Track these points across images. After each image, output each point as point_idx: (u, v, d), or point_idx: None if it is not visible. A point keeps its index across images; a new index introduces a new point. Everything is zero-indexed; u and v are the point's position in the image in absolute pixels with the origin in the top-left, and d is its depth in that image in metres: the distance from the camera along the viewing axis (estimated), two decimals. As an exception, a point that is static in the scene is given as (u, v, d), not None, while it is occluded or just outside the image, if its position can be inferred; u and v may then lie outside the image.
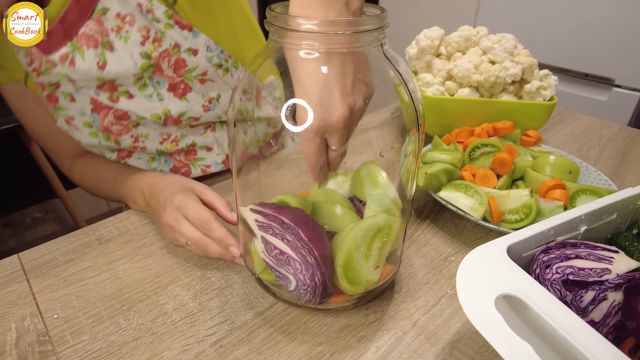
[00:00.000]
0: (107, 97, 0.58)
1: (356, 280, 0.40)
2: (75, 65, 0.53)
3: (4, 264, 0.51)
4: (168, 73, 0.58)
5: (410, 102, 0.38)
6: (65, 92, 0.58)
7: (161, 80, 0.59)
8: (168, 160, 0.70)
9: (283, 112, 0.34)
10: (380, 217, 0.40)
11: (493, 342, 0.29)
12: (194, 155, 0.70)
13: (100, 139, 0.62)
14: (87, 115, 0.60)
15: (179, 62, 0.58)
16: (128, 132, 0.63)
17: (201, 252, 0.50)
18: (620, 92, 1.47)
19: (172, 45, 0.56)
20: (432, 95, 0.73)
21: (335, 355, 0.40)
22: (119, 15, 0.54)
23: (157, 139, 0.65)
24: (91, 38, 0.53)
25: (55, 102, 0.59)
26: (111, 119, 0.60)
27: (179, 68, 0.58)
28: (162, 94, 0.60)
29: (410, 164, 0.41)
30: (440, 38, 0.78)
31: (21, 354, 0.41)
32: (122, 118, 0.61)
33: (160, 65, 0.57)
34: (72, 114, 0.60)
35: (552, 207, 0.53)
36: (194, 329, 0.43)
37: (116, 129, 0.62)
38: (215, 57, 0.61)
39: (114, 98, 0.58)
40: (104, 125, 0.61)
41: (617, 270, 0.37)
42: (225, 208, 0.52)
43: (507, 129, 0.67)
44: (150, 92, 0.59)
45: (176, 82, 0.59)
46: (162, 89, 0.60)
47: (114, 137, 0.62)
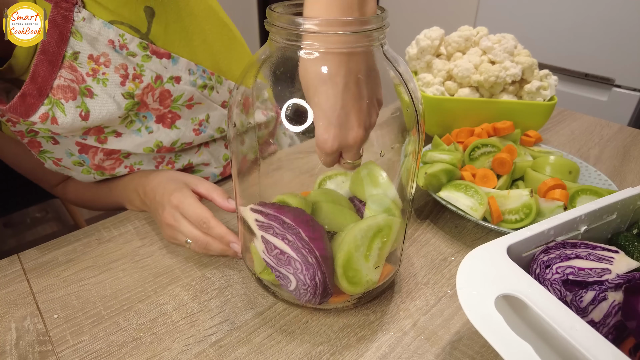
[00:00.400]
0: (94, 139, 0.55)
1: (356, 280, 0.40)
2: (58, 122, 0.49)
3: (4, 264, 0.51)
4: (154, 106, 0.55)
5: (410, 102, 0.38)
6: (47, 136, 0.55)
7: (148, 114, 0.56)
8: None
9: (283, 112, 0.34)
10: (380, 217, 0.40)
11: (493, 342, 0.29)
12: (191, 170, 0.68)
13: (94, 175, 0.60)
14: (75, 155, 0.57)
15: (163, 93, 0.55)
16: (121, 164, 0.61)
17: (202, 250, 0.50)
18: (620, 92, 1.47)
19: (153, 79, 0.53)
20: (432, 95, 0.73)
21: (335, 355, 0.40)
22: (91, 58, 0.49)
23: (152, 163, 0.63)
24: (68, 89, 0.49)
25: (38, 147, 0.56)
26: (101, 156, 0.58)
27: (164, 99, 0.55)
28: (150, 127, 0.57)
29: (410, 164, 0.41)
30: (440, 38, 0.78)
31: (21, 354, 0.41)
32: (112, 153, 0.59)
33: (145, 101, 0.54)
34: (59, 156, 0.57)
35: (552, 207, 0.53)
36: (194, 329, 0.43)
37: (109, 164, 0.60)
38: (199, 78, 0.58)
39: (101, 139, 0.56)
40: (95, 163, 0.59)
41: (617, 270, 0.37)
42: (221, 197, 0.52)
43: (507, 129, 0.67)
44: (138, 126, 0.57)
45: (163, 113, 0.57)
46: (150, 122, 0.57)
47: (109, 172, 0.60)
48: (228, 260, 0.52)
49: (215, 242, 0.49)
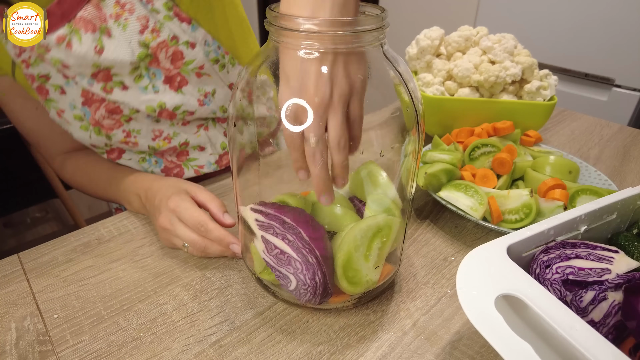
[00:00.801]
0: (100, 87, 0.57)
1: (356, 280, 0.40)
2: (72, 48, 0.52)
3: (4, 264, 0.51)
4: (165, 65, 0.57)
5: (410, 102, 0.38)
6: (56, 84, 0.57)
7: (157, 71, 0.58)
8: (159, 161, 0.69)
9: (283, 112, 0.34)
10: (380, 217, 0.40)
11: (493, 342, 0.29)
12: (186, 156, 0.69)
13: (91, 132, 0.61)
14: (77, 108, 0.59)
15: (176, 54, 0.57)
16: (120, 127, 0.61)
17: (200, 253, 0.50)
18: (620, 92, 1.47)
19: (170, 37, 0.56)
20: (432, 95, 0.73)
21: (335, 355, 0.40)
22: (118, 3, 0.53)
23: (149, 135, 0.63)
24: (89, 22, 0.52)
25: (45, 95, 0.58)
26: (103, 112, 0.59)
27: (176, 60, 0.57)
28: (157, 86, 0.59)
29: (410, 164, 0.41)
30: (440, 38, 0.78)
31: (21, 354, 0.41)
32: (114, 112, 0.59)
33: (157, 56, 0.56)
34: (63, 107, 0.59)
35: (552, 207, 0.53)
36: (194, 329, 0.43)
37: (107, 123, 0.60)
38: (213, 52, 0.60)
39: (107, 89, 0.57)
40: (95, 118, 0.59)
41: (617, 270, 0.37)
42: (218, 209, 0.51)
43: (507, 128, 0.67)
44: (146, 83, 0.58)
45: (172, 75, 0.59)
46: (158, 81, 0.58)
47: (105, 132, 0.61)
48: (228, 260, 0.52)
49: (213, 244, 0.49)
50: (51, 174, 1.51)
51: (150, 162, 0.69)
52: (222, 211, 0.52)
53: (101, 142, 0.63)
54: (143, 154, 0.67)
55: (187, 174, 0.70)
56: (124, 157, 0.67)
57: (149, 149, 0.65)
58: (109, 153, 0.66)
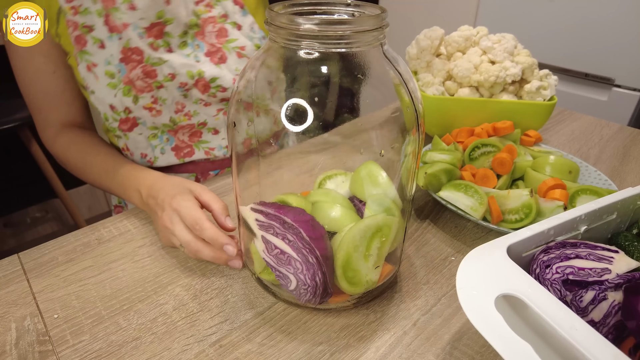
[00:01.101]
0: (148, 42, 0.59)
1: (356, 281, 0.40)
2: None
3: (4, 264, 0.51)
4: (209, 39, 0.62)
5: (410, 102, 0.38)
6: (97, 37, 0.58)
7: (201, 44, 0.62)
8: (171, 139, 0.69)
9: (283, 112, 0.34)
10: (379, 216, 0.40)
11: (493, 342, 0.29)
12: (198, 137, 0.70)
13: (118, 91, 0.61)
14: (112, 64, 0.60)
15: (222, 30, 0.62)
16: (150, 92, 0.63)
17: (193, 255, 0.49)
18: (620, 92, 1.47)
19: (220, 14, 0.61)
20: (432, 95, 0.73)
21: (335, 355, 0.40)
22: None
23: (173, 107, 0.65)
24: None
25: (83, 45, 0.59)
26: (139, 72, 0.61)
27: (220, 36, 0.62)
28: (199, 57, 0.62)
29: (410, 164, 0.41)
30: (440, 38, 0.78)
31: (21, 354, 0.41)
32: (149, 75, 0.61)
33: (204, 29, 0.61)
34: (97, 61, 0.60)
35: (552, 207, 0.53)
36: (194, 329, 0.43)
37: (140, 85, 0.62)
38: (257, 39, 0.64)
39: (154, 46, 0.60)
40: (130, 77, 0.61)
41: (617, 270, 0.37)
42: (221, 212, 0.51)
43: (507, 128, 0.67)
44: (189, 52, 0.62)
45: (215, 50, 0.63)
46: (200, 53, 0.62)
47: (135, 92, 0.62)
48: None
49: (206, 247, 0.48)
50: (51, 174, 1.51)
51: (162, 139, 0.68)
52: (225, 214, 0.51)
53: (122, 105, 0.63)
54: (156, 129, 0.67)
55: (198, 155, 0.71)
56: (135, 130, 0.66)
57: (169, 121, 0.66)
58: (122, 122, 0.65)
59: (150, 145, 0.69)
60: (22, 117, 1.32)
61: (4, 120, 1.30)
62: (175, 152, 0.70)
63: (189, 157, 0.71)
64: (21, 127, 1.36)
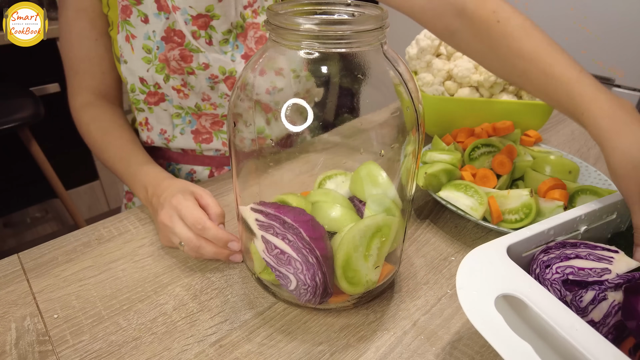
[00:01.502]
0: (192, 30, 0.61)
1: (356, 281, 0.40)
2: None
3: (3, 264, 0.51)
4: (250, 43, 0.64)
5: (410, 102, 0.38)
6: (143, 11, 0.60)
7: (241, 45, 0.64)
8: (193, 122, 0.70)
9: (283, 112, 0.34)
10: (379, 216, 0.40)
11: (493, 342, 0.29)
12: (219, 126, 0.71)
13: (152, 67, 0.63)
14: (153, 40, 0.62)
15: (262, 37, 0.64)
16: (180, 77, 0.64)
17: (194, 253, 0.49)
18: (620, 92, 1.47)
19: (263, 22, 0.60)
20: (432, 95, 0.73)
21: (335, 355, 0.40)
22: None
23: (200, 96, 0.67)
24: None
25: (128, 15, 0.61)
26: (176, 53, 0.62)
27: (260, 43, 0.64)
28: (235, 57, 0.64)
29: (410, 164, 0.41)
30: (440, 38, 0.78)
31: (21, 354, 0.41)
32: (184, 59, 0.63)
33: (247, 32, 0.62)
34: (136, 34, 0.62)
35: (552, 207, 0.53)
36: (194, 329, 0.43)
37: (174, 66, 0.63)
38: None
39: (196, 35, 0.62)
40: (167, 55, 0.62)
41: (617, 270, 0.37)
42: (215, 218, 0.50)
43: (507, 128, 0.67)
44: (228, 50, 0.64)
45: (252, 55, 0.63)
46: (238, 54, 0.64)
47: (167, 71, 0.64)
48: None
49: (208, 244, 0.48)
50: (51, 174, 1.51)
51: (184, 120, 0.70)
52: (219, 222, 0.51)
53: (153, 80, 0.65)
54: (181, 110, 0.69)
55: (215, 144, 0.72)
56: (162, 105, 0.68)
57: (195, 106, 0.68)
58: (150, 95, 0.67)
59: (172, 123, 0.70)
60: (22, 117, 1.32)
61: (4, 120, 1.30)
62: (194, 135, 0.71)
63: (206, 143, 0.72)
64: (21, 127, 1.36)
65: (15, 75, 1.58)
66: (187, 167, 0.76)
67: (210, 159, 0.75)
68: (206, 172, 0.75)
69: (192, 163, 0.75)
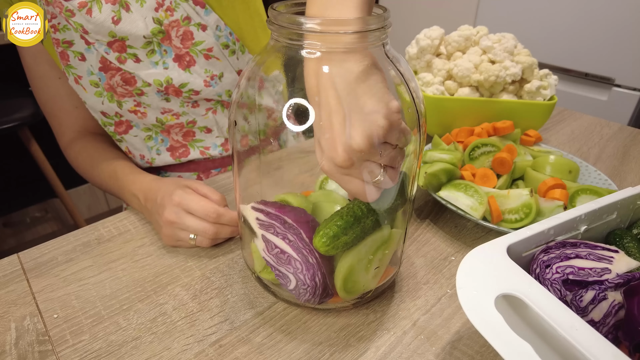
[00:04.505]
0: (115, 57, 0.60)
1: (354, 290, 0.41)
2: (92, 14, 0.56)
3: (3, 264, 0.51)
4: (176, 43, 0.61)
5: (412, 102, 0.38)
6: (77, 51, 0.61)
7: (169, 49, 0.62)
8: (165, 140, 0.71)
9: (284, 112, 0.34)
10: (385, 230, 0.40)
11: (493, 341, 0.29)
12: (192, 137, 0.71)
13: (104, 99, 0.64)
14: (94, 74, 0.62)
15: (187, 33, 0.61)
16: (131, 97, 0.64)
17: (210, 242, 0.52)
18: (620, 92, 1.47)
19: (182, 17, 0.59)
20: (432, 94, 0.73)
21: (335, 354, 0.40)
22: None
23: (158, 110, 0.67)
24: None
25: (67, 60, 0.62)
26: (118, 79, 0.62)
27: (186, 40, 0.61)
28: (167, 63, 0.62)
29: (411, 164, 0.41)
30: (440, 37, 0.78)
31: (21, 354, 0.41)
32: (128, 82, 0.62)
33: (169, 34, 0.60)
34: (81, 73, 0.62)
35: (552, 207, 0.53)
36: (194, 329, 0.43)
37: (121, 91, 0.63)
38: (224, 37, 0.63)
39: (121, 59, 0.60)
40: (110, 84, 0.63)
41: (617, 270, 0.37)
42: (219, 202, 0.53)
43: (507, 128, 0.67)
44: (157, 59, 0.62)
45: (182, 54, 0.62)
46: (169, 59, 0.62)
47: (117, 98, 0.64)
48: (228, 260, 0.52)
49: (224, 228, 0.51)
50: (51, 173, 1.51)
51: (157, 140, 0.70)
52: (223, 204, 0.53)
53: (112, 110, 0.66)
54: (150, 131, 0.69)
55: (193, 155, 0.72)
56: (131, 132, 0.69)
57: (157, 121, 0.68)
58: (117, 125, 0.68)
59: (146, 147, 0.71)
60: (22, 117, 1.32)
61: (4, 120, 1.30)
62: (170, 152, 0.72)
63: (184, 157, 0.72)
64: (21, 127, 1.36)
65: (15, 75, 1.57)
66: (175, 174, 0.77)
67: (195, 165, 0.76)
68: (193, 178, 0.77)
69: (179, 171, 0.77)
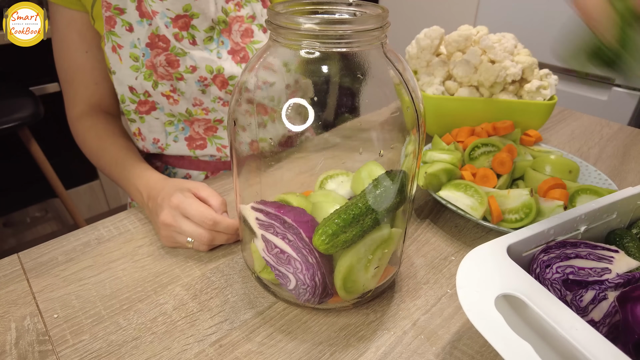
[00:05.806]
0: (173, 33, 0.61)
1: (353, 290, 0.41)
2: None
3: (3, 264, 0.51)
4: (235, 38, 0.63)
5: (411, 102, 0.38)
6: (126, 20, 0.61)
7: (226, 41, 0.63)
8: (186, 129, 0.71)
9: (283, 112, 0.34)
10: (385, 230, 0.40)
11: (493, 341, 0.29)
12: (213, 132, 0.71)
13: (140, 74, 0.64)
14: (139, 47, 0.62)
15: (247, 30, 0.63)
16: (169, 81, 0.64)
17: (206, 247, 0.51)
18: (620, 92, 1.47)
19: (248, 15, 0.62)
20: (432, 94, 0.73)
21: (335, 354, 0.40)
22: None
23: (190, 102, 0.67)
24: None
25: (112, 26, 0.61)
26: (162, 59, 0.62)
27: (246, 36, 0.64)
28: (221, 54, 0.63)
29: (410, 164, 0.41)
30: (440, 37, 0.78)
31: (21, 354, 0.41)
32: (171, 65, 0.62)
33: (231, 26, 0.62)
34: (123, 43, 0.62)
35: (552, 207, 0.53)
36: (194, 329, 0.43)
37: (161, 72, 0.63)
38: None
39: (179, 37, 0.61)
40: (153, 62, 0.62)
41: (617, 270, 0.37)
42: (219, 207, 0.52)
43: (507, 128, 0.67)
44: (213, 47, 0.63)
45: (238, 49, 0.64)
46: (223, 50, 0.64)
47: (155, 77, 0.64)
48: (228, 260, 0.52)
49: (220, 235, 0.51)
50: (51, 173, 1.51)
51: (177, 127, 0.70)
52: (223, 210, 0.52)
53: (143, 88, 0.65)
54: (173, 117, 0.69)
55: (209, 150, 0.72)
56: (153, 114, 0.69)
57: (186, 112, 0.68)
58: (141, 104, 0.67)
59: (164, 131, 0.70)
60: (22, 117, 1.32)
61: (4, 120, 1.30)
62: (188, 142, 0.72)
63: (200, 149, 0.72)
64: (21, 127, 1.36)
65: (15, 75, 1.58)
66: (183, 172, 0.76)
67: (205, 164, 0.76)
68: (201, 177, 0.76)
69: (188, 167, 0.76)
